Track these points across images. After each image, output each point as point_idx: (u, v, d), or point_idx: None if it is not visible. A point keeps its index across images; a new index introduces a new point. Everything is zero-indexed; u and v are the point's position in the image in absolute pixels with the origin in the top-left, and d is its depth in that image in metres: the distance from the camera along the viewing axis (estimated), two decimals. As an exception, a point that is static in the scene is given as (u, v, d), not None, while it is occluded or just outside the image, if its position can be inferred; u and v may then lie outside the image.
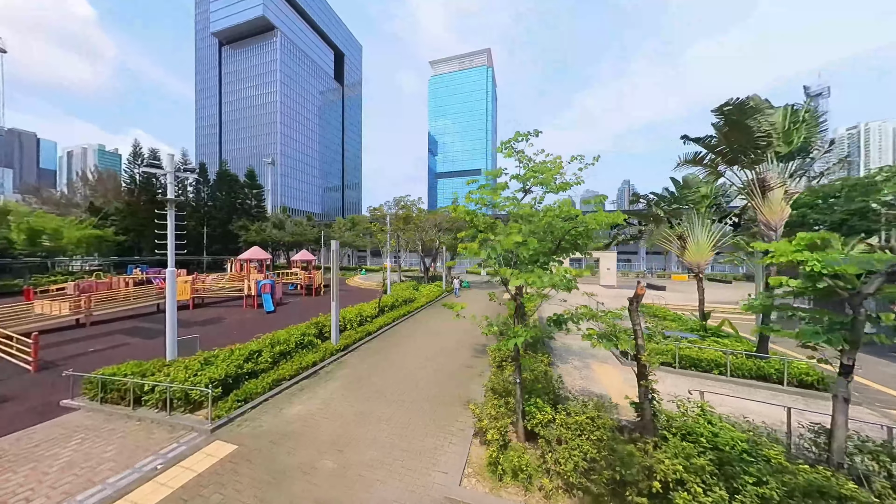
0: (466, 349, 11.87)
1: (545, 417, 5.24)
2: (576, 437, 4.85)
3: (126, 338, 13.95)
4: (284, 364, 9.00)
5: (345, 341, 11.33)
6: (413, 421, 6.76)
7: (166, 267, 9.41)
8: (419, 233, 25.09)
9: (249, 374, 8.24)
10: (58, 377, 9.55)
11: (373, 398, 7.81)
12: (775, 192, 8.70)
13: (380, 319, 14.63)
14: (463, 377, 9.22)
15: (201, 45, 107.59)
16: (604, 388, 8.15)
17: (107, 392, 7.64)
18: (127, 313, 18.08)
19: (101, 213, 36.14)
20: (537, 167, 8.26)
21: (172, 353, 9.33)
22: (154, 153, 37.22)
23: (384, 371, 9.57)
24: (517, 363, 5.68)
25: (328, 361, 10.05)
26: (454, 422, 6.74)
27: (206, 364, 8.10)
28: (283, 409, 7.27)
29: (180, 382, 7.25)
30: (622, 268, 48.57)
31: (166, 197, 9.33)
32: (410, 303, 19.02)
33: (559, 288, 4.80)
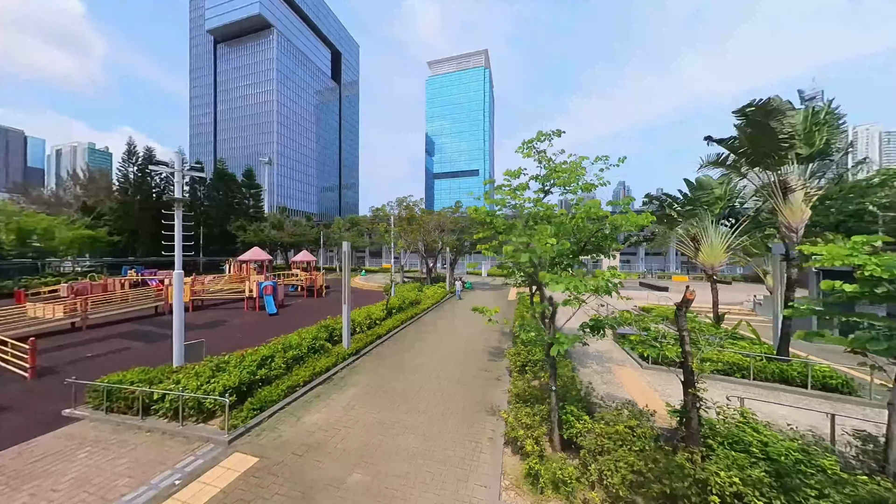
0: (480, 352, 11.67)
1: (584, 427, 5.05)
2: (618, 447, 4.68)
3: (126, 342, 13.49)
4: (298, 369, 8.70)
5: (356, 345, 11.05)
6: (439, 429, 6.54)
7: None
8: (423, 234, 24.85)
9: (263, 381, 7.93)
10: (57, 384, 9.15)
11: (393, 405, 7.56)
12: (796, 193, 8.66)
13: (388, 322, 14.36)
14: (482, 382, 9.01)
15: (196, 43, 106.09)
16: (627, 392, 8.00)
17: (113, 401, 7.28)
18: (124, 316, 17.55)
19: (93, 212, 35.24)
20: (560, 167, 8.11)
21: (180, 359, 8.97)
22: (150, 152, 36.42)
23: (400, 376, 9.32)
24: (553, 370, 5.49)
25: (341, 366, 9.77)
26: (481, 429, 6.53)
27: (218, 371, 7.78)
28: (302, 417, 6.99)
29: (192, 390, 6.93)
30: (622, 269, 48.84)
31: (174, 196, 8.97)
32: (416, 305, 18.76)
33: (601, 292, 4.62)
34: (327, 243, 43.62)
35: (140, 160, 35.24)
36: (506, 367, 9.80)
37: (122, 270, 31.27)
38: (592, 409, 6.02)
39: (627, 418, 5.29)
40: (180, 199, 9.01)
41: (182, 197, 9.08)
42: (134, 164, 35.89)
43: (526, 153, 9.03)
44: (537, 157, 8.79)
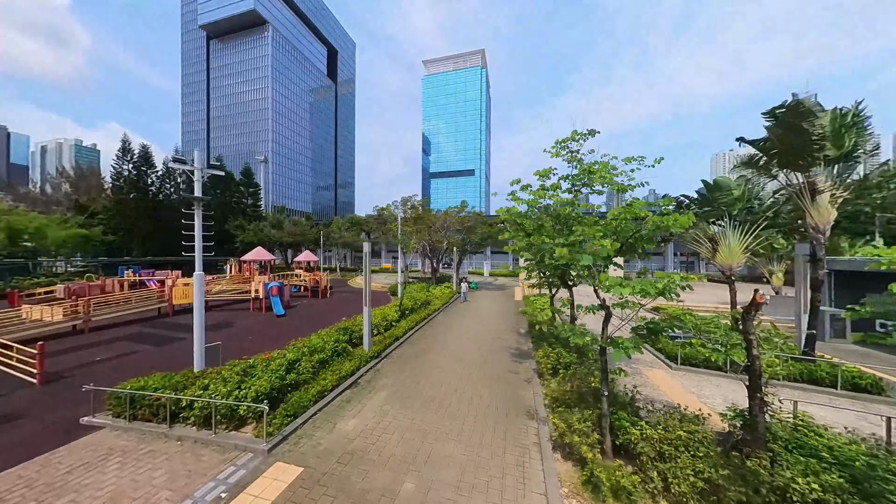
0: (501, 353, 11.56)
1: (641, 433, 4.96)
2: (680, 453, 4.60)
3: (133, 345, 13.07)
4: (324, 373, 8.47)
5: (377, 347, 10.85)
6: (480, 434, 6.40)
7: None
8: (429, 233, 24.65)
9: (291, 386, 7.70)
10: (68, 390, 8.80)
11: (426, 409, 7.40)
12: (823, 195, 8.72)
13: (403, 324, 14.17)
14: (511, 384, 8.90)
15: (188, 38, 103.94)
16: (665, 395, 7.95)
17: (137, 408, 6.98)
18: (127, 318, 17.03)
19: (87, 211, 34.21)
20: (594, 168, 8.03)
21: (200, 364, 8.68)
22: (145, 149, 35.44)
23: (426, 379, 9.15)
24: (605, 374, 5.39)
25: (364, 369, 9.57)
26: (524, 434, 6.42)
27: (246, 375, 7.52)
28: (337, 423, 6.79)
29: (222, 397, 6.68)
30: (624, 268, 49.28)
31: (193, 195, 8.65)
32: (427, 305, 18.58)
33: (668, 295, 4.52)
34: (327, 243, 43.10)
35: (136, 158, 34.27)
36: (533, 369, 9.70)
37: (118, 270, 30.43)
38: (638, 414, 5.95)
39: (681, 422, 5.23)
40: (200, 197, 8.70)
41: (202, 196, 8.75)
42: (129, 161, 34.90)
43: (555, 153, 8.96)
44: (567, 156, 8.73)
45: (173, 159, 8.56)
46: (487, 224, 27.07)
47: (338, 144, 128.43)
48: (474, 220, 27.05)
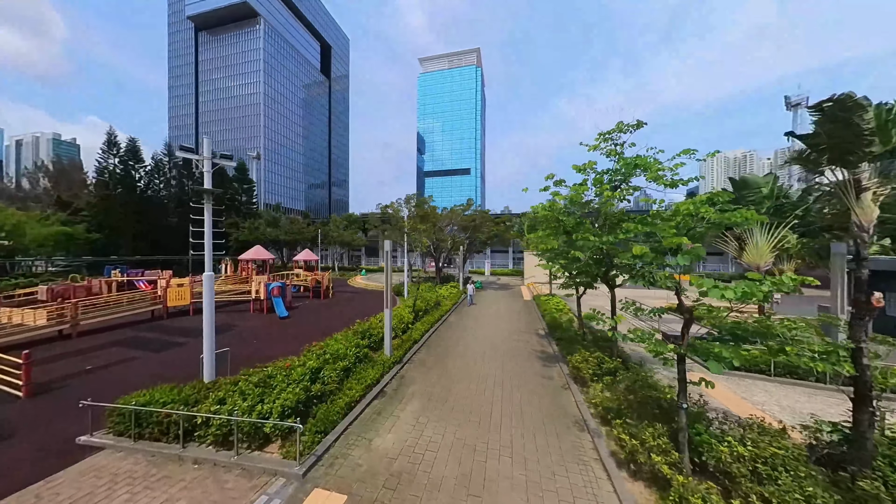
0: (529, 356, 11.06)
1: (729, 450, 4.48)
2: (778, 473, 4.14)
3: (128, 351, 12.09)
4: (349, 382, 7.80)
5: (398, 352, 10.21)
6: (532, 449, 5.86)
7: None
8: (435, 232, 24.01)
9: (317, 398, 7.01)
10: (59, 404, 7.90)
11: (465, 420, 6.82)
12: (867, 193, 8.45)
13: (419, 326, 13.55)
14: (548, 390, 8.38)
15: (175, 29, 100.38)
16: (714, 400, 7.52)
17: (143, 426, 6.20)
18: (118, 321, 15.90)
19: (69, 208, 32.39)
20: (641, 162, 7.58)
21: (211, 373, 7.89)
22: (133, 143, 33.65)
23: (456, 385, 8.57)
24: (683, 385, 4.90)
25: (389, 377, 8.92)
26: (580, 448, 5.90)
27: (266, 387, 6.80)
28: (372, 439, 6.15)
29: (243, 412, 5.96)
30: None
31: (204, 187, 7.85)
32: (438, 306, 17.96)
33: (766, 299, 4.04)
34: (325, 241, 41.99)
35: (122, 152, 32.46)
36: (566, 374, 9.21)
37: (104, 270, 28.82)
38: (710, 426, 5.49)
39: (759, 435, 4.79)
40: (211, 189, 7.89)
41: (211, 188, 7.96)
42: (115, 155, 33.06)
43: (593, 146, 8.49)
44: (606, 150, 8.26)
45: (180, 148, 7.74)
46: (495, 222, 26.59)
47: (331, 142, 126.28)
48: (480, 218, 26.52)
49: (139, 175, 35.09)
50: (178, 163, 40.10)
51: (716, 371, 4.01)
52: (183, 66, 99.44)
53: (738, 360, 3.93)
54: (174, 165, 39.62)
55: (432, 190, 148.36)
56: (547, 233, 8.94)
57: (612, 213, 8.12)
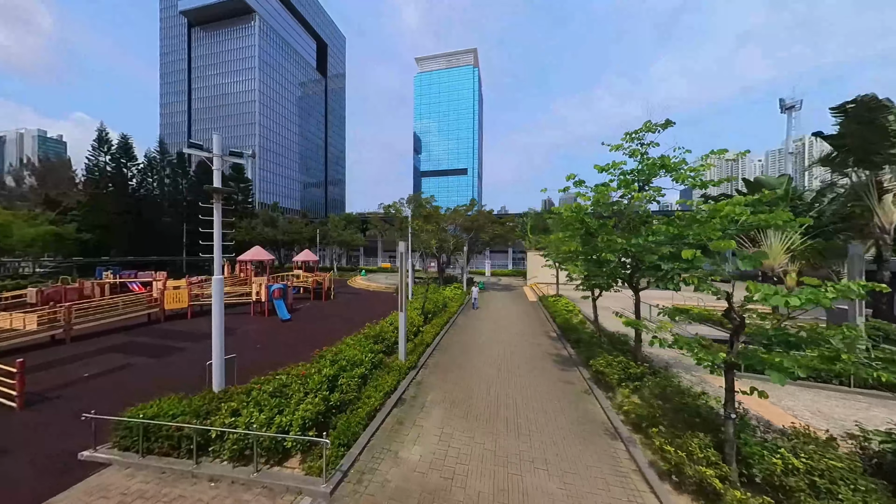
0: (545, 359, 10.83)
1: (784, 463, 4.29)
2: (838, 487, 3.95)
3: (125, 357, 11.57)
4: (367, 390, 7.47)
5: (412, 357, 9.90)
6: (567, 459, 5.62)
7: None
8: (439, 232, 23.71)
9: (336, 408, 6.68)
10: (57, 415, 7.45)
11: (492, 430, 6.56)
12: (888, 194, 8.41)
13: (429, 328, 13.25)
14: (570, 396, 8.16)
15: (167, 25, 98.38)
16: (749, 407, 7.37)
17: (152, 440, 5.81)
18: (112, 326, 15.27)
19: (58, 206, 31.32)
20: (667, 162, 7.40)
21: (220, 382, 7.50)
22: (125, 140, 32.60)
23: (477, 392, 8.30)
24: (730, 394, 4.70)
25: (405, 383, 8.61)
26: (615, 458, 5.67)
27: (281, 397, 6.45)
28: (398, 452, 5.84)
29: (260, 425, 5.62)
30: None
31: (212, 186, 7.45)
32: (445, 308, 17.68)
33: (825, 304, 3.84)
34: (323, 241, 41.37)
35: (114, 149, 31.41)
36: (586, 378, 9.00)
37: (95, 272, 27.93)
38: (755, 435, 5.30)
39: (805, 446, 4.62)
40: (221, 188, 7.51)
41: (220, 187, 7.56)
42: (107, 153, 32.01)
43: (615, 146, 8.30)
44: (629, 150, 8.08)
45: (189, 144, 7.35)
46: (499, 222, 26.37)
47: (328, 141, 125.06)
48: (483, 218, 26.27)
49: (132, 173, 34.05)
50: (173, 161, 39.12)
51: (778, 382, 3.80)
52: (175, 63, 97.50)
53: (803, 371, 3.72)
54: (168, 163, 38.62)
55: (429, 189, 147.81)
56: (567, 234, 8.72)
57: (637, 215, 7.93)
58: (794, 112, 56.30)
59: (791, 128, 55.73)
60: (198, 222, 36.56)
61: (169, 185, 38.13)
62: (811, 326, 4.67)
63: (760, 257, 4.31)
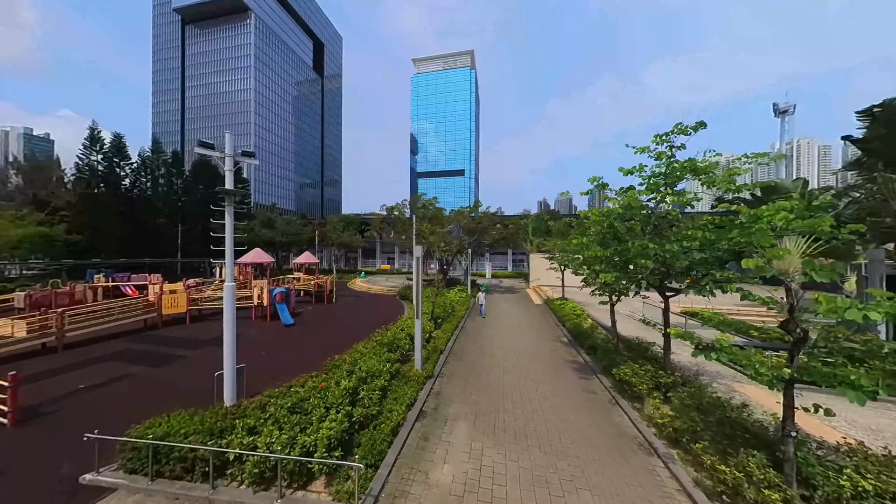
0: (562, 367, 10.58)
1: (853, 485, 4.05)
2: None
3: (123, 366, 11.01)
4: (388, 403, 7.11)
5: (428, 366, 9.55)
6: (606, 477, 5.34)
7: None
8: (445, 235, 23.39)
9: (359, 424, 6.31)
10: (53, 432, 6.96)
11: (524, 445, 6.25)
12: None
13: (440, 334, 12.90)
14: (596, 406, 7.90)
15: (160, 22, 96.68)
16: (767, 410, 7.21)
17: (162, 463, 5.38)
18: (107, 332, 14.61)
19: (47, 207, 30.25)
20: (698, 165, 7.20)
21: (233, 396, 7.09)
22: (119, 139, 31.61)
23: (501, 404, 7.98)
24: (790, 410, 4.46)
25: (424, 394, 8.26)
26: (656, 477, 5.41)
27: (302, 413, 6.06)
28: (428, 472, 5.50)
29: (282, 446, 5.23)
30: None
31: (224, 188, 7.04)
32: (453, 312, 17.35)
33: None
34: (321, 243, 40.73)
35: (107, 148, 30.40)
36: (608, 387, 8.76)
37: (86, 274, 26.98)
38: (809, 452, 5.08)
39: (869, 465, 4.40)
40: (231, 190, 7.10)
41: (233, 189, 7.15)
42: (98, 151, 31.00)
43: (640, 148, 8.10)
44: (653, 153, 7.88)
45: (199, 143, 6.92)
46: (503, 224, 26.13)
47: (324, 141, 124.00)
48: (487, 220, 26.01)
49: (125, 173, 33.02)
50: (167, 160, 38.14)
51: (857, 401, 3.56)
52: (168, 60, 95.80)
53: (885, 391, 3.49)
54: (163, 163, 37.62)
55: (425, 191, 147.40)
56: (591, 238, 8.49)
57: (665, 219, 7.73)
58: (788, 116, 57.64)
59: (784, 131, 56.86)
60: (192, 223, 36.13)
61: (163, 185, 37.11)
62: (871, 338, 4.46)
63: (836, 269, 4.08)
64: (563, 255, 20.56)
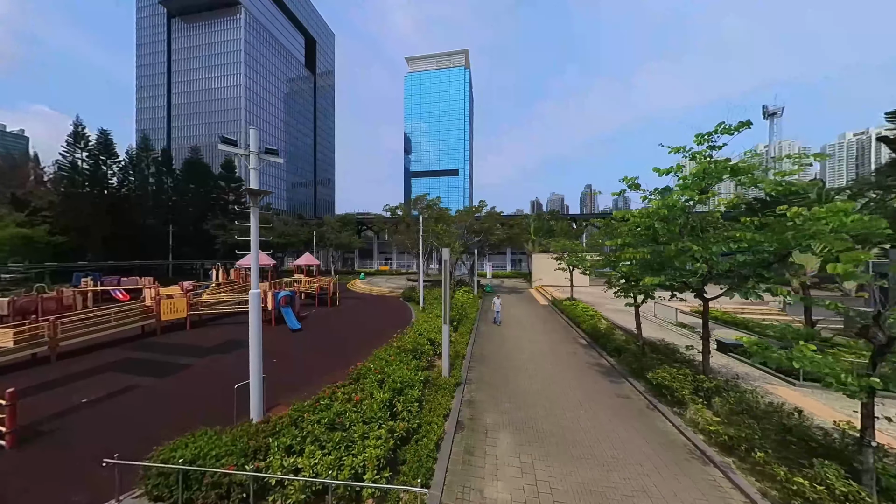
0: (588, 371, 10.38)
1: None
2: None
3: (126, 377, 10.33)
4: (426, 415, 6.76)
5: (456, 372, 9.22)
6: (672, 493, 5.11)
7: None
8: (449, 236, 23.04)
9: (401, 439, 5.93)
10: (58, 455, 6.37)
11: (578, 458, 5.98)
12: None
13: (458, 338, 12.56)
14: (635, 414, 7.69)
15: (144, 14, 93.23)
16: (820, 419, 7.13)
17: (192, 487, 4.91)
18: (101, 340, 13.77)
19: (27, 207, 28.63)
20: (741, 166, 7.07)
21: (259, 411, 6.62)
22: (105, 136, 30.06)
23: (534, 411, 7.71)
24: (870, 419, 4.31)
25: (456, 402, 7.93)
26: (718, 488, 5.21)
27: (341, 430, 5.65)
28: (483, 490, 5.17)
29: (328, 468, 4.83)
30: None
31: (250, 187, 6.55)
32: (466, 315, 17.04)
33: None
34: (319, 244, 39.85)
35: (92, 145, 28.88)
36: (642, 391, 8.59)
37: (73, 278, 25.63)
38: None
39: None
40: (259, 190, 6.62)
41: (259, 188, 6.67)
42: (83, 149, 29.43)
43: (675, 148, 7.95)
44: (688, 153, 7.74)
45: (222, 140, 6.43)
46: (508, 224, 25.94)
47: (317, 139, 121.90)
48: (491, 220, 25.79)
49: (112, 171, 31.49)
50: (157, 158, 36.59)
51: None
52: (153, 55, 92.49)
53: None
54: (152, 161, 36.08)
55: (420, 190, 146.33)
56: (626, 240, 8.30)
57: (706, 221, 7.60)
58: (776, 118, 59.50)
59: (773, 133, 58.68)
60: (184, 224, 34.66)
61: (153, 184, 35.55)
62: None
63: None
64: (571, 256, 20.52)
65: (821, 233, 4.95)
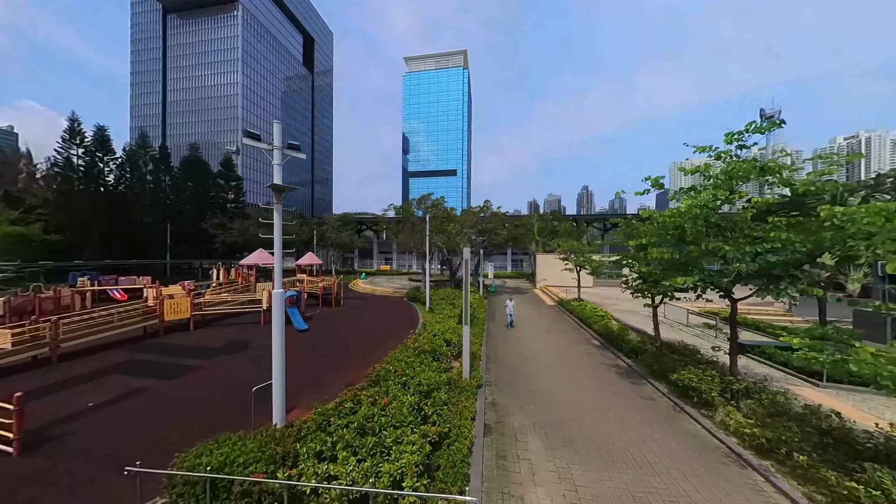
0: (607, 371, 10.27)
1: None
2: None
3: (131, 380, 9.99)
4: (454, 418, 6.57)
5: (475, 374, 9.05)
6: (715, 497, 4.99)
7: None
8: (454, 235, 22.89)
9: (433, 444, 5.74)
10: (67, 463, 6.07)
11: (604, 460, 5.86)
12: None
13: (472, 339, 12.38)
14: (662, 415, 7.58)
15: (139, 10, 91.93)
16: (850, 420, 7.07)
17: (221, 498, 4.67)
18: (104, 340, 13.37)
19: (21, 205, 27.91)
20: (771, 166, 7.00)
21: (282, 415, 6.38)
22: (102, 132, 29.38)
23: (560, 414, 7.58)
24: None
25: (479, 404, 7.76)
26: (762, 493, 5.10)
27: (372, 434, 5.44)
28: (523, 497, 5.01)
29: (363, 475, 4.63)
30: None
31: (275, 183, 6.32)
32: (476, 316, 16.87)
33: None
34: (319, 243, 39.41)
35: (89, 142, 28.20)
36: (665, 392, 8.50)
37: (69, 277, 25.01)
38: None
39: None
40: (283, 186, 6.39)
41: (282, 184, 6.44)
42: (79, 145, 28.72)
43: (701, 147, 7.88)
44: (713, 152, 7.67)
45: (246, 135, 6.19)
46: (514, 224, 25.84)
47: (314, 138, 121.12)
48: (497, 220, 25.67)
49: (109, 168, 30.82)
50: (155, 155, 35.90)
51: None
52: (148, 51, 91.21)
53: None
54: (151, 158, 35.39)
55: (418, 190, 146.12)
56: (651, 239, 8.21)
57: (734, 222, 7.53)
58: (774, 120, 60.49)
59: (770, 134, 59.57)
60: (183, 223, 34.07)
61: (150, 181, 34.86)
62: None
63: None
64: (578, 257, 20.49)
65: (877, 233, 4.86)
